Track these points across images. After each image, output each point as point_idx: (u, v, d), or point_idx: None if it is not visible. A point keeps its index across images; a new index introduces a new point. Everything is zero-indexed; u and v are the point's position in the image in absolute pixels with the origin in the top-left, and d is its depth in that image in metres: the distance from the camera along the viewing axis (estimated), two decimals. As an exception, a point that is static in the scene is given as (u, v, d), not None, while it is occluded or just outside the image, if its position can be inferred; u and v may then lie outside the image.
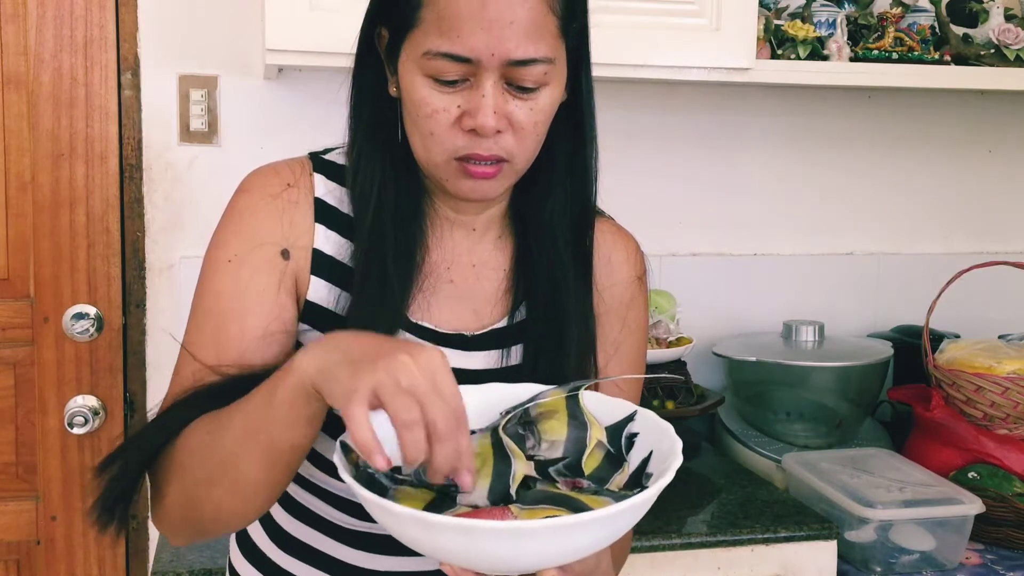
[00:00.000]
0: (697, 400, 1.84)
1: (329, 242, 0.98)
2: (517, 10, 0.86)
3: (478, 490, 0.80)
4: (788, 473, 1.74)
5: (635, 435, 0.87)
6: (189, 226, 1.90)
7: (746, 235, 2.19)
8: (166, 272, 1.91)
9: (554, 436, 0.87)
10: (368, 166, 0.96)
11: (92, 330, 1.87)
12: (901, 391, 1.92)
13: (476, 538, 0.69)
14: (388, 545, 0.99)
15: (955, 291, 1.78)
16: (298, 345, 0.98)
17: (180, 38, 1.87)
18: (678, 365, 1.87)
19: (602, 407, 0.90)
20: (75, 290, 1.86)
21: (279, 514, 1.03)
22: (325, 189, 0.99)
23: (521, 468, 0.83)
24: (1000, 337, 1.97)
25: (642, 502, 0.73)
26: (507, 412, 0.89)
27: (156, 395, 1.90)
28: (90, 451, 1.89)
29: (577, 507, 0.77)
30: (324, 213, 0.98)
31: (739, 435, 1.94)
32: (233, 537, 1.11)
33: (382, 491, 0.79)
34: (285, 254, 0.96)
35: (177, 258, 1.90)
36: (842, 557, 1.58)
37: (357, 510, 0.99)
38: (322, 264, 0.97)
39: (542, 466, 0.85)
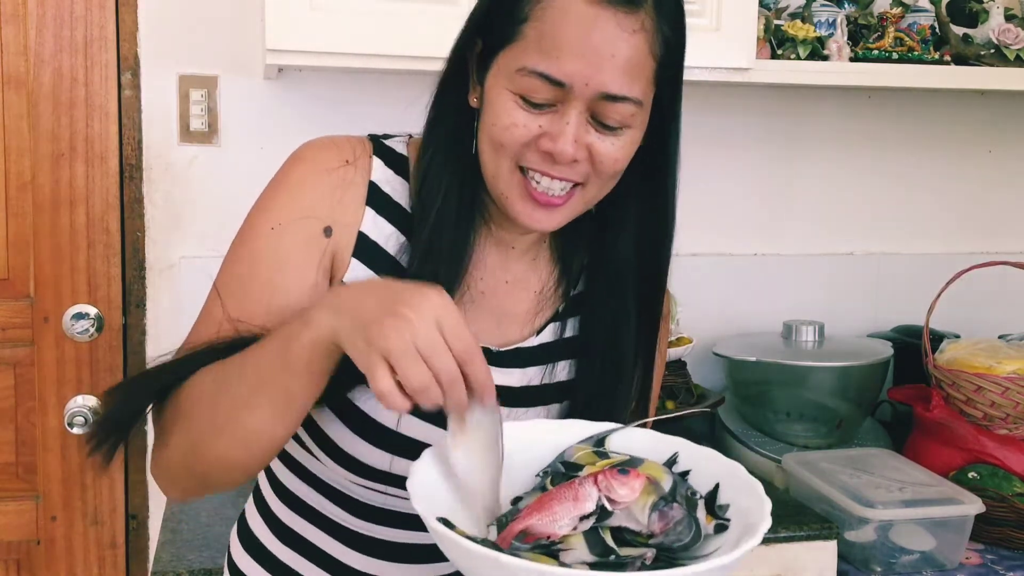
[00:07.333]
0: (697, 400, 1.84)
1: (376, 228, 0.96)
2: (620, 44, 0.86)
3: (577, 548, 0.77)
4: (788, 473, 1.74)
5: (687, 472, 0.85)
6: (189, 226, 1.90)
7: (746, 235, 2.19)
8: (166, 272, 1.91)
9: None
10: (437, 174, 0.95)
11: (92, 330, 1.87)
12: (901, 391, 1.92)
13: None
14: (390, 550, 1.00)
15: (955, 291, 1.78)
16: None
17: (180, 38, 1.87)
18: (678, 365, 1.87)
19: (641, 445, 0.87)
20: (75, 290, 1.86)
21: (282, 510, 1.04)
22: (382, 175, 0.97)
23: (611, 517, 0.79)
24: (1000, 337, 1.97)
25: (735, 560, 0.71)
26: (580, 442, 0.88)
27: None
28: (90, 451, 1.89)
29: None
30: (376, 198, 0.97)
31: (739, 435, 1.94)
32: (234, 531, 1.11)
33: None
34: (328, 231, 0.94)
35: (177, 258, 1.90)
36: (842, 557, 1.58)
37: (363, 511, 0.99)
38: (365, 248, 0.96)
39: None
